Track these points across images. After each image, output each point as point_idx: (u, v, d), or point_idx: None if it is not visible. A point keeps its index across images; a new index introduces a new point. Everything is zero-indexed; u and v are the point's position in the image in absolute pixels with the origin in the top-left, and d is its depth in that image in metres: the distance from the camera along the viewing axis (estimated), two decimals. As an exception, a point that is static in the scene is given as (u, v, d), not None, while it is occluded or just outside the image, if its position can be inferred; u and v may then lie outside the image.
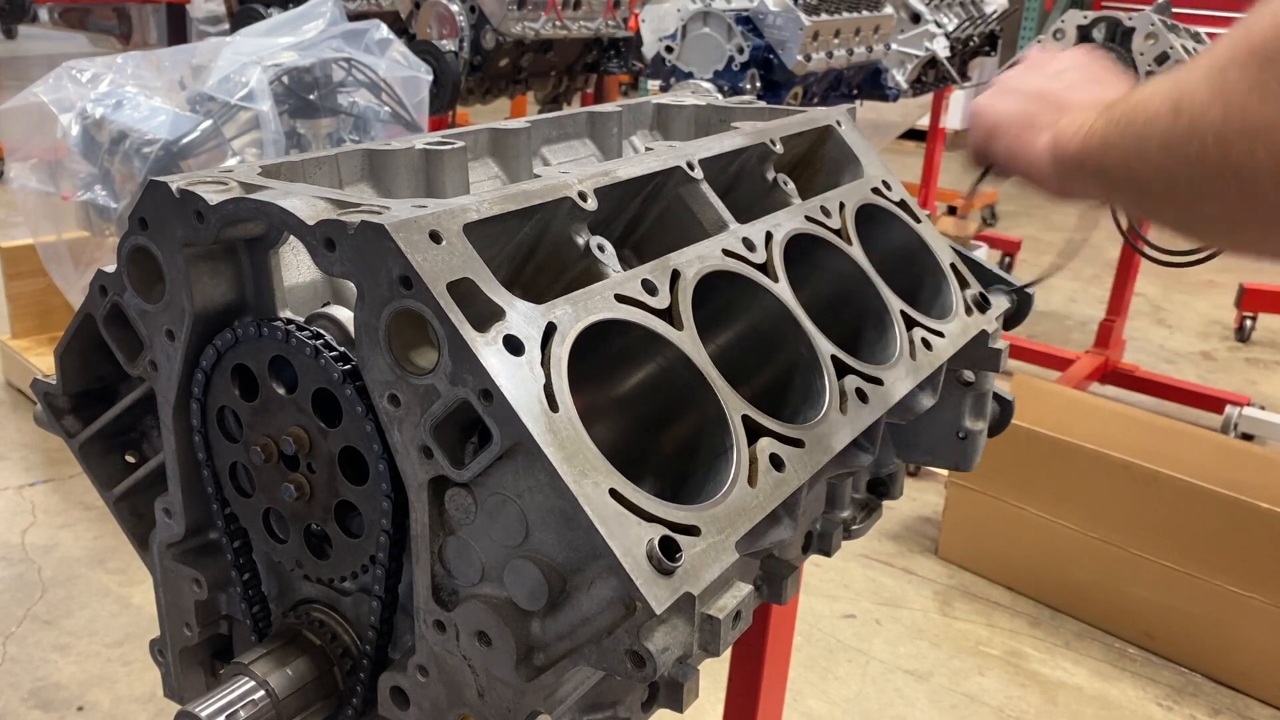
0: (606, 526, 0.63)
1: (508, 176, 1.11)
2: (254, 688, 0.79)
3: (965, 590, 3.01)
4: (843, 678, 2.64)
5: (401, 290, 0.66)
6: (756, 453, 0.76)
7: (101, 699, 2.47)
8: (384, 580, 0.77)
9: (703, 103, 1.31)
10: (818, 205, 1.04)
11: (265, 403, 0.78)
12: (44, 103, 3.32)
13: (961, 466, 1.18)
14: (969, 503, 3.05)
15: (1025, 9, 8.85)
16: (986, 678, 2.66)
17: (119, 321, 0.84)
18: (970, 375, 1.13)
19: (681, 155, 0.97)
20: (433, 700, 0.75)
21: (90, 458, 0.95)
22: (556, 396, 0.67)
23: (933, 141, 5.65)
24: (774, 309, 0.90)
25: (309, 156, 0.92)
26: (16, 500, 3.24)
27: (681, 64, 3.46)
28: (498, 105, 4.25)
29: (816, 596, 2.93)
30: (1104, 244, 6.48)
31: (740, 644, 1.33)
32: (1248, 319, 5.12)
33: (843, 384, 0.88)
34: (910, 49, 4.29)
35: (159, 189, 0.76)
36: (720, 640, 0.67)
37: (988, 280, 1.18)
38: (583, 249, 0.84)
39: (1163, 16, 3.57)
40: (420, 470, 0.69)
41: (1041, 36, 3.74)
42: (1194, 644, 2.69)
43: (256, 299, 0.81)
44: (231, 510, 0.84)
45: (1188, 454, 2.86)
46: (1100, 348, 4.30)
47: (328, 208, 0.72)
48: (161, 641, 0.94)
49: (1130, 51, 3.56)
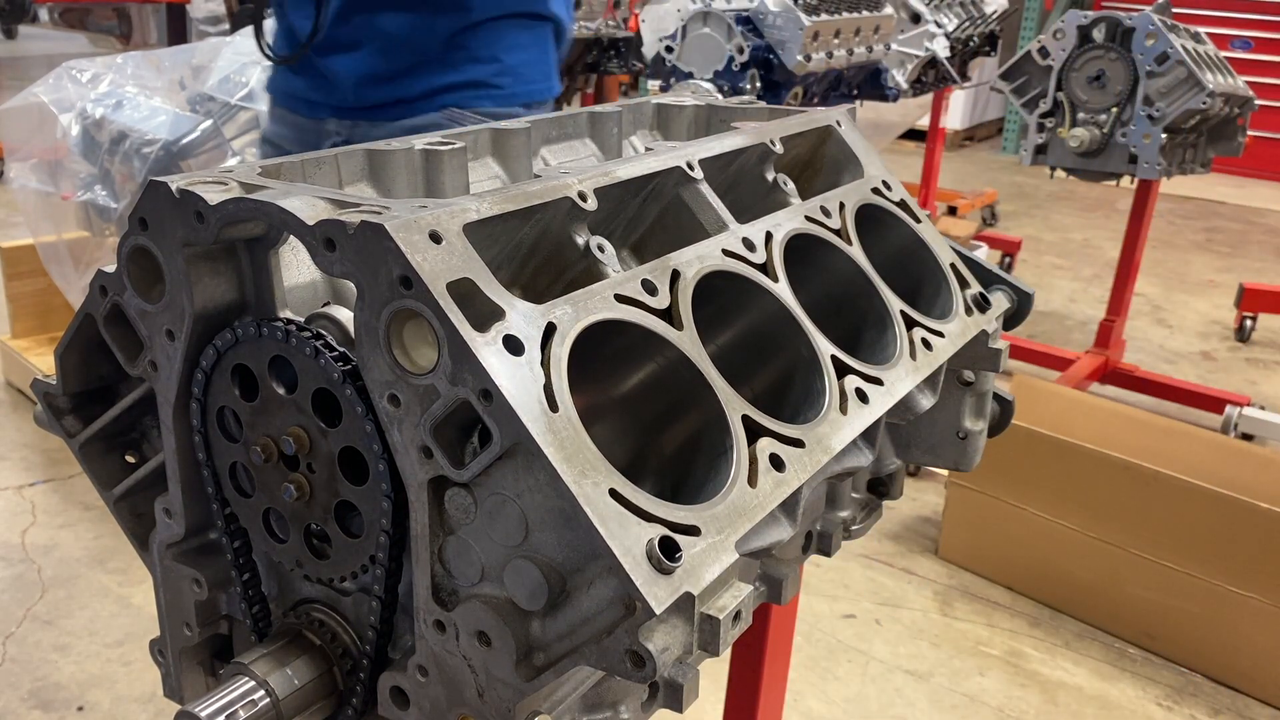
0: (606, 526, 0.63)
1: (508, 176, 1.11)
2: (254, 688, 0.79)
3: (965, 590, 3.01)
4: (843, 678, 2.64)
5: (401, 290, 0.66)
6: (756, 453, 0.76)
7: (101, 699, 2.47)
8: (384, 580, 0.77)
9: (703, 103, 1.31)
10: (818, 205, 1.04)
11: (265, 403, 0.78)
12: (44, 103, 3.32)
13: (961, 466, 1.18)
14: (969, 503, 3.05)
15: (1025, 9, 8.85)
16: (986, 678, 2.66)
17: (119, 321, 0.84)
18: (970, 375, 1.13)
19: (681, 155, 0.97)
20: (432, 700, 0.75)
21: (90, 458, 0.95)
22: (556, 396, 0.67)
23: (933, 141, 5.65)
24: (774, 309, 0.90)
25: (309, 156, 0.92)
26: (16, 500, 3.24)
27: (681, 64, 3.47)
28: (498, 105, 4.24)
29: (816, 596, 2.93)
30: (1104, 244, 6.49)
31: (740, 644, 1.33)
32: (1248, 319, 5.12)
33: (843, 384, 0.88)
34: (910, 49, 4.30)
35: (159, 189, 0.76)
36: (720, 640, 0.67)
37: (988, 280, 1.18)
38: (583, 249, 0.84)
39: (1163, 16, 3.57)
40: (420, 470, 0.69)
41: (1041, 36, 3.74)
42: (1194, 644, 2.69)
43: (256, 299, 0.81)
44: (231, 510, 0.84)
45: (1188, 454, 2.86)
46: (1100, 348, 4.30)
47: (328, 208, 0.72)
48: (161, 641, 0.94)
49: (1130, 51, 3.56)
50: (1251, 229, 7.34)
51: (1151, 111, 3.54)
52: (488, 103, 1.77)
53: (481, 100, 1.77)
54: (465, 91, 1.76)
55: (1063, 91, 3.69)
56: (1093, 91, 3.65)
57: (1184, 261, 6.43)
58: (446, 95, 1.76)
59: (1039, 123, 3.76)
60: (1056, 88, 3.69)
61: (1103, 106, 3.63)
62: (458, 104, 1.76)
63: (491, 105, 1.77)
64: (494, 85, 1.78)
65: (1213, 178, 5.26)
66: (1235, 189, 8.25)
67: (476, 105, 1.77)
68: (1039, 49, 3.71)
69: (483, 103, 1.77)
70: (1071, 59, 3.66)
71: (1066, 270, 6.10)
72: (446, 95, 1.76)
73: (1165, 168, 3.64)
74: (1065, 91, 3.69)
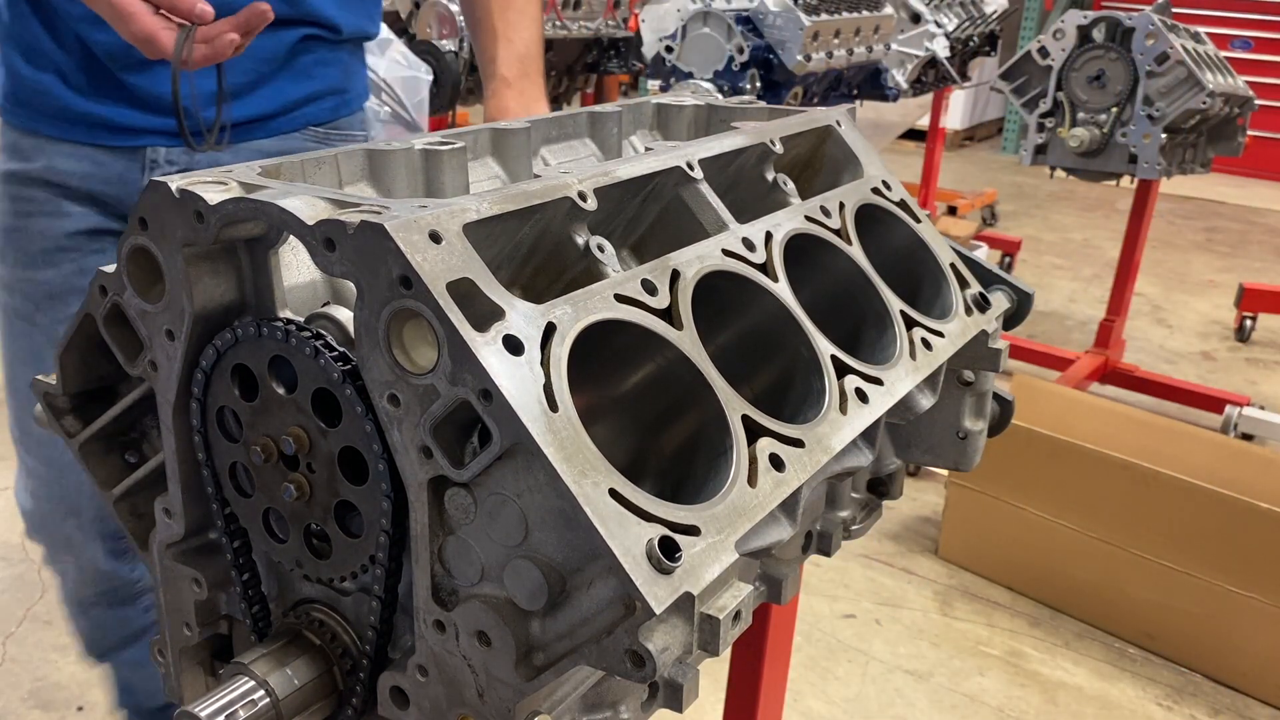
0: (606, 526, 0.63)
1: (508, 176, 1.11)
2: (254, 688, 0.79)
3: (965, 590, 3.01)
4: (843, 678, 2.64)
5: (401, 290, 0.66)
6: (756, 453, 0.76)
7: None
8: (384, 580, 0.77)
9: (703, 103, 1.31)
10: (817, 205, 1.04)
11: (265, 403, 0.78)
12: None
13: (961, 466, 1.18)
14: (969, 503, 3.05)
15: (1025, 9, 8.86)
16: (986, 678, 2.66)
17: (119, 321, 0.84)
18: (970, 375, 1.13)
19: (681, 155, 0.97)
20: (432, 700, 0.75)
21: (90, 458, 0.95)
22: (556, 396, 0.67)
23: (933, 141, 5.65)
24: (774, 309, 0.90)
25: (309, 156, 0.92)
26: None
27: (681, 64, 3.47)
28: (498, 105, 4.24)
29: (816, 596, 2.93)
30: (1104, 244, 6.49)
31: (740, 644, 1.33)
32: (1248, 319, 5.12)
33: (843, 384, 0.88)
34: (910, 49, 4.30)
35: (158, 189, 0.76)
36: (720, 640, 0.67)
37: (988, 280, 1.18)
38: (582, 249, 0.84)
39: (1163, 16, 3.57)
40: (420, 470, 0.69)
41: (1041, 36, 3.74)
42: (1194, 644, 2.70)
43: (256, 299, 0.81)
44: (231, 510, 0.84)
45: (1188, 454, 2.86)
46: (1100, 348, 4.30)
47: (327, 207, 0.72)
48: (161, 641, 0.94)
49: (1130, 51, 3.56)
50: (1251, 229, 7.34)
51: (1151, 111, 3.54)
52: (344, 111, 1.68)
53: (339, 111, 1.67)
54: (325, 101, 1.64)
55: (1063, 91, 3.69)
56: (1093, 91, 3.65)
57: (1184, 261, 6.43)
58: (308, 108, 1.62)
59: (1039, 123, 3.76)
60: (1056, 88, 3.69)
61: (1103, 106, 3.63)
62: (318, 119, 1.64)
63: (347, 114, 1.69)
64: (344, 89, 1.67)
65: (1213, 178, 5.26)
66: (1235, 189, 8.26)
67: (337, 117, 1.67)
68: (1039, 49, 3.71)
69: (340, 113, 1.67)
70: (1071, 59, 3.66)
71: (1066, 270, 6.10)
72: (308, 108, 1.62)
73: (1165, 168, 3.65)
74: (1065, 91, 3.69)
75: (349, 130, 1.71)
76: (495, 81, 1.65)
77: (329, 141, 1.67)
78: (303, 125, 1.63)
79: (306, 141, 1.64)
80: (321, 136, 1.66)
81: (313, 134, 1.65)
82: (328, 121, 1.66)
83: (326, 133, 1.67)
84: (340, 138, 1.69)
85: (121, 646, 1.89)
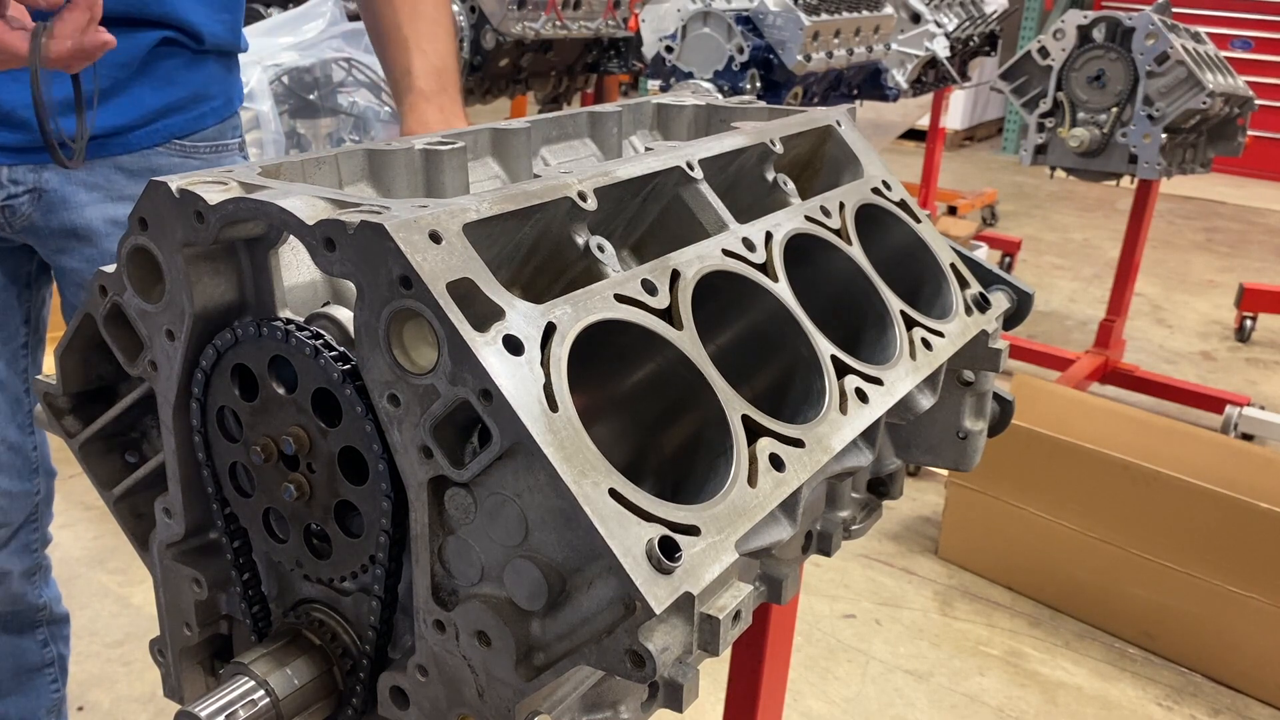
0: (606, 526, 0.63)
1: (508, 176, 1.11)
2: (254, 687, 0.79)
3: (965, 590, 3.01)
4: (843, 678, 2.64)
5: (401, 290, 0.66)
6: (756, 453, 0.76)
7: (101, 699, 2.47)
8: (384, 580, 0.77)
9: (703, 103, 1.31)
10: (818, 205, 1.04)
11: (265, 403, 0.78)
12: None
13: (961, 466, 1.18)
14: (969, 503, 3.05)
15: (1025, 9, 8.86)
16: (986, 678, 2.66)
17: (119, 321, 0.84)
18: (970, 375, 1.13)
19: (681, 155, 0.97)
20: (432, 700, 0.75)
21: (90, 458, 0.95)
22: (556, 396, 0.67)
23: (933, 141, 5.65)
24: (774, 309, 0.90)
25: (309, 156, 0.92)
26: (16, 500, 3.23)
27: (681, 64, 3.47)
28: (498, 105, 4.25)
29: (816, 596, 2.94)
30: (1104, 244, 6.49)
31: (740, 644, 1.33)
32: (1248, 319, 5.12)
33: (843, 384, 0.88)
34: (910, 49, 4.30)
35: (158, 189, 0.76)
36: (720, 640, 0.67)
37: (988, 280, 1.18)
38: (582, 249, 0.84)
39: (1163, 16, 3.57)
40: (420, 470, 0.69)
41: (1041, 36, 3.74)
42: (1194, 644, 2.70)
43: (256, 299, 0.81)
44: (231, 510, 0.84)
45: (1187, 454, 2.87)
46: (1100, 348, 4.30)
47: (328, 207, 0.72)
48: (161, 641, 0.94)
49: (1130, 51, 3.56)
50: (1251, 229, 7.34)
51: (1151, 111, 3.54)
52: (211, 120, 1.55)
53: (205, 120, 1.54)
54: (188, 110, 1.51)
55: (1063, 91, 3.69)
56: (1093, 91, 3.65)
57: (1184, 261, 6.43)
58: (170, 119, 1.50)
59: (1039, 123, 3.76)
60: (1056, 88, 3.69)
61: (1103, 106, 3.63)
62: (182, 130, 1.52)
63: (215, 122, 1.56)
64: (209, 95, 1.55)
65: (1213, 178, 5.26)
66: (1235, 189, 8.26)
67: (203, 126, 1.54)
68: (1039, 49, 3.71)
69: (207, 122, 1.54)
70: (1071, 59, 3.66)
71: (1066, 270, 6.10)
72: (170, 119, 1.50)
73: (1165, 168, 3.65)
74: (1065, 91, 3.69)
75: (219, 140, 1.58)
76: (412, 95, 1.53)
77: (196, 156, 1.55)
78: (165, 138, 1.50)
79: (171, 157, 1.52)
80: (189, 151, 1.54)
81: (177, 148, 1.53)
82: (193, 133, 1.54)
83: (194, 145, 1.55)
84: (210, 149, 1.57)
85: (14, 687, 1.79)
